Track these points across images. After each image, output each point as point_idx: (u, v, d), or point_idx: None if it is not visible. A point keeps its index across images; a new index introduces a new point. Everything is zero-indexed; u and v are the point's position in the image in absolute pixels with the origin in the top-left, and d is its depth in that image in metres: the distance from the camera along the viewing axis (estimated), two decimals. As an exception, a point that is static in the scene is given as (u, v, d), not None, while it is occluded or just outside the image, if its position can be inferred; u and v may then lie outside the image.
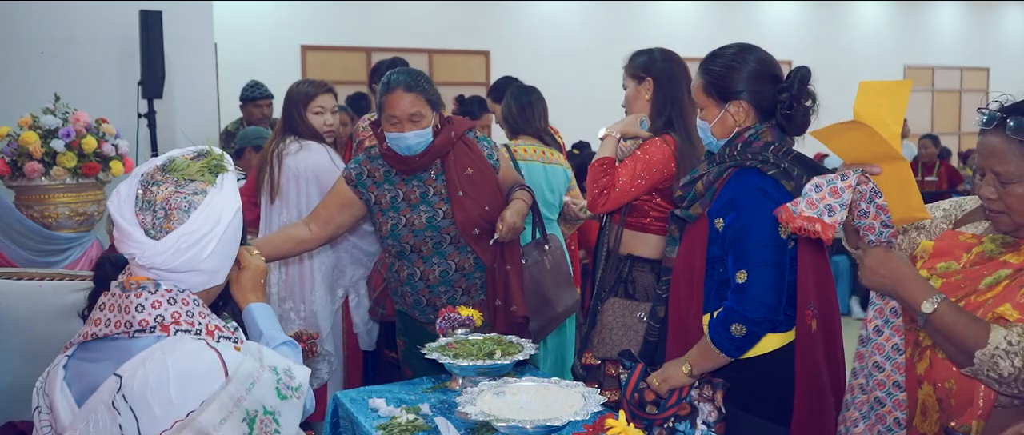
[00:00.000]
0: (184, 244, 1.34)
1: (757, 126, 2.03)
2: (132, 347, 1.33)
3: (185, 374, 1.29)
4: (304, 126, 3.22)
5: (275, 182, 3.17)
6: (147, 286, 1.36)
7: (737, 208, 1.95)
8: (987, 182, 1.56)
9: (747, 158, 1.98)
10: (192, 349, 1.32)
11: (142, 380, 1.28)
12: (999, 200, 1.55)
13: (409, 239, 2.63)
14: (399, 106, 2.52)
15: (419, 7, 9.15)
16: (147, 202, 1.35)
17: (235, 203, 1.41)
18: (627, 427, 1.67)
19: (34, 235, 3.35)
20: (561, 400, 1.96)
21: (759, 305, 1.91)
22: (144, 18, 4.61)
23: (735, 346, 1.95)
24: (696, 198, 2.07)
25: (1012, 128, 1.49)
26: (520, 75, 4.78)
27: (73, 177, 3.44)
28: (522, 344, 2.31)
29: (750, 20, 11.41)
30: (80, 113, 3.51)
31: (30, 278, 2.86)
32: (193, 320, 1.36)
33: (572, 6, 10.10)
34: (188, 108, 5.18)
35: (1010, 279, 1.55)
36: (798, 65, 2.06)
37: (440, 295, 2.66)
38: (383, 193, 2.66)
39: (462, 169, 2.64)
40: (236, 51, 7.88)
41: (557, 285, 2.85)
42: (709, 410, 1.98)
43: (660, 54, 2.74)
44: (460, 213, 2.59)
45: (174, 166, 1.39)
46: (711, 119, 2.08)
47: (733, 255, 1.95)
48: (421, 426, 2.04)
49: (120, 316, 1.34)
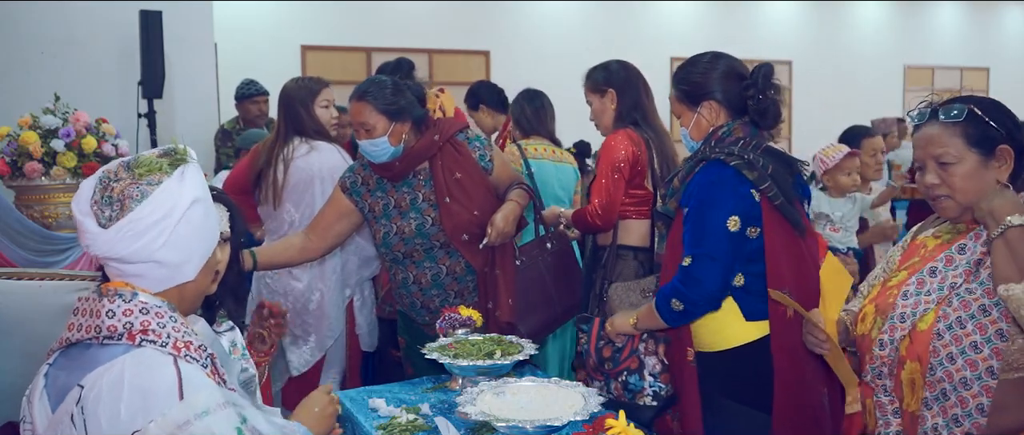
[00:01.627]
0: (131, 231, 1.29)
1: (729, 123, 2.18)
2: (101, 355, 1.29)
3: (138, 390, 1.23)
4: (312, 122, 3.17)
5: (279, 187, 3.09)
6: (123, 293, 1.32)
7: (697, 198, 2.10)
8: (928, 171, 1.69)
9: (714, 152, 2.13)
10: (152, 364, 1.27)
11: (98, 392, 1.24)
12: (942, 185, 1.67)
13: (400, 247, 2.63)
14: (352, 113, 2.55)
15: (419, 7, 9.14)
16: (107, 197, 1.31)
17: (195, 194, 1.35)
18: (627, 427, 1.68)
19: (34, 235, 3.34)
20: (561, 400, 1.96)
21: (698, 289, 2.06)
22: (144, 18, 4.61)
23: (673, 317, 2.13)
24: (673, 194, 2.22)
25: (945, 113, 1.66)
26: (520, 75, 4.78)
27: (73, 177, 3.44)
28: (522, 344, 2.31)
29: (750, 20, 11.41)
30: (80, 113, 3.51)
31: (30, 278, 2.86)
32: (163, 331, 1.31)
33: (572, 6, 10.10)
34: (188, 108, 5.18)
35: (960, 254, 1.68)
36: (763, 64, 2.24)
37: (433, 298, 2.67)
38: (376, 201, 2.66)
39: (450, 174, 2.61)
40: (236, 51, 7.88)
41: (560, 283, 2.81)
42: (654, 363, 2.16)
43: (616, 65, 3.05)
44: (448, 220, 2.58)
45: (138, 162, 1.35)
46: (688, 124, 2.24)
47: (687, 239, 2.10)
48: (421, 426, 2.04)
49: (91, 320, 1.30)
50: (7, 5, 4.64)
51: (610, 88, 2.99)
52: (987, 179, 1.66)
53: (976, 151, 1.66)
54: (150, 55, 4.61)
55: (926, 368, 1.64)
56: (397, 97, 2.55)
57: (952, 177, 1.66)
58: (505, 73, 9.21)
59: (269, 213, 3.19)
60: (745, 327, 2.13)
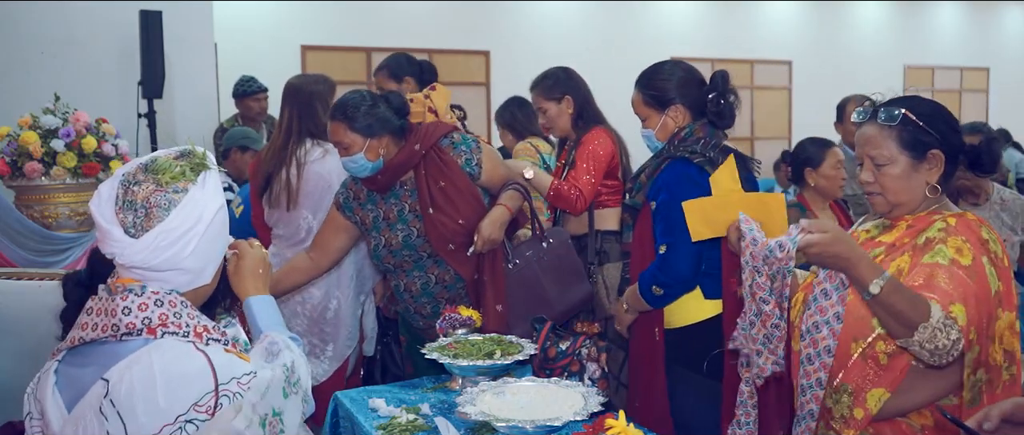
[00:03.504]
0: (163, 242, 1.32)
1: (691, 125, 2.45)
2: (119, 351, 1.31)
3: (172, 377, 1.27)
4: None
5: (293, 190, 2.99)
6: (133, 288, 1.33)
7: (666, 191, 2.36)
8: (865, 167, 1.80)
9: (679, 150, 2.40)
10: (180, 352, 1.30)
11: (129, 384, 1.26)
12: (875, 183, 1.78)
13: (389, 259, 2.64)
14: (330, 133, 2.56)
15: (419, 7, 9.14)
16: (128, 202, 1.32)
17: (217, 201, 1.39)
18: (627, 427, 1.68)
19: (34, 235, 3.35)
20: (561, 400, 1.97)
21: (675, 273, 2.36)
22: (144, 18, 4.61)
23: (655, 300, 2.42)
24: (640, 188, 2.48)
25: (883, 117, 1.76)
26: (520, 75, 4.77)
27: (73, 177, 3.44)
28: (522, 344, 2.31)
29: (750, 20, 11.41)
30: (80, 113, 3.51)
31: (30, 278, 2.86)
32: (181, 322, 1.34)
33: (572, 6, 10.10)
34: (188, 108, 5.18)
35: (884, 255, 1.77)
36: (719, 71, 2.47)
37: (424, 305, 2.68)
38: (367, 213, 2.67)
39: (434, 183, 2.58)
40: (236, 51, 7.87)
41: (558, 282, 2.76)
42: (594, 368, 2.25)
43: (562, 72, 3.32)
44: (432, 230, 2.56)
45: (156, 166, 1.36)
46: (654, 126, 2.49)
47: (659, 230, 2.39)
48: (421, 426, 2.04)
49: (107, 319, 1.32)
50: (7, 5, 4.64)
51: (566, 94, 3.24)
52: (917, 181, 1.76)
53: (908, 154, 1.75)
54: (150, 55, 4.61)
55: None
56: (371, 114, 2.52)
57: (884, 177, 1.77)
58: (505, 73, 9.22)
59: (281, 218, 3.08)
60: (703, 305, 2.43)
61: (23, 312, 2.75)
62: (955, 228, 1.71)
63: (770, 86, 11.58)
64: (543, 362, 2.30)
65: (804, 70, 11.81)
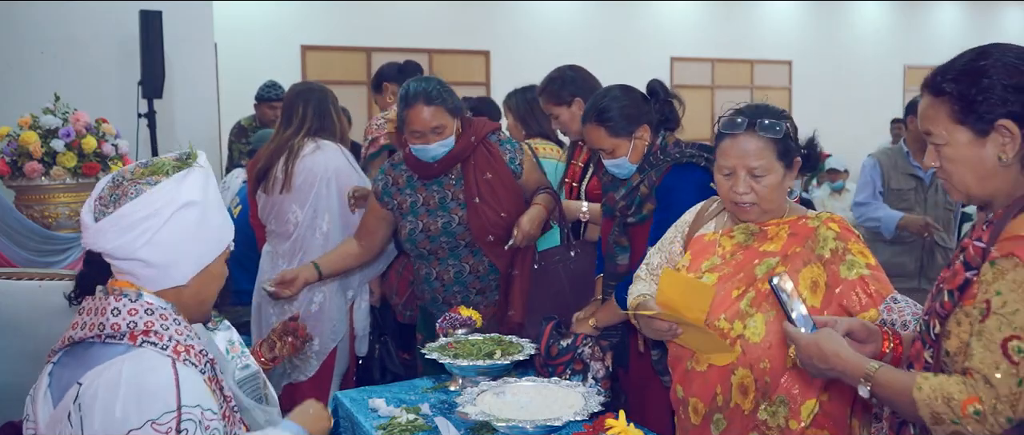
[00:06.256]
0: (116, 226, 1.29)
1: (661, 137, 2.39)
2: (101, 354, 1.28)
3: (135, 390, 1.23)
4: (339, 127, 3.21)
5: (289, 174, 3.09)
6: (128, 293, 1.32)
7: (673, 199, 2.26)
8: (739, 179, 1.82)
9: (677, 157, 2.33)
10: (151, 366, 1.26)
11: (94, 390, 1.24)
12: (751, 192, 1.82)
13: (426, 244, 2.67)
14: (420, 121, 2.54)
15: (419, 7, 9.14)
16: (113, 194, 1.32)
17: (190, 197, 1.34)
18: (627, 427, 1.69)
19: (34, 235, 3.34)
20: (561, 400, 1.97)
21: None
22: (144, 18, 4.61)
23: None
24: (643, 201, 2.34)
25: (763, 127, 1.79)
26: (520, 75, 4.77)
27: (73, 177, 3.43)
28: (522, 344, 2.31)
29: (750, 20, 11.41)
30: (80, 113, 3.51)
31: (30, 278, 2.86)
32: (165, 333, 1.30)
33: (572, 6, 10.10)
34: (188, 108, 5.17)
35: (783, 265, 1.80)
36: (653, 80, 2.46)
37: (454, 294, 2.70)
38: (405, 198, 2.70)
39: (481, 174, 2.66)
40: (236, 51, 7.87)
41: (579, 290, 2.77)
42: (598, 367, 2.26)
43: (569, 71, 3.07)
44: (475, 220, 2.62)
45: (150, 163, 1.36)
46: (625, 152, 2.37)
47: (657, 235, 2.22)
48: (421, 426, 2.04)
49: (95, 318, 1.30)
50: (7, 5, 4.63)
51: (576, 96, 3.00)
52: (785, 188, 1.87)
53: (782, 163, 1.82)
54: (150, 55, 4.61)
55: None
56: (452, 94, 2.64)
57: (763, 188, 1.82)
58: (505, 73, 9.21)
59: (272, 211, 3.16)
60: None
61: (23, 312, 2.74)
62: (842, 234, 1.81)
63: (770, 86, 11.58)
64: (546, 360, 2.30)
65: (804, 70, 11.82)
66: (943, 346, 1.38)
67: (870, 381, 1.38)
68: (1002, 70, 1.32)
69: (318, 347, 3.18)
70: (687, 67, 10.83)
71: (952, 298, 1.36)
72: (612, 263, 2.43)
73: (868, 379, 1.38)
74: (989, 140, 1.34)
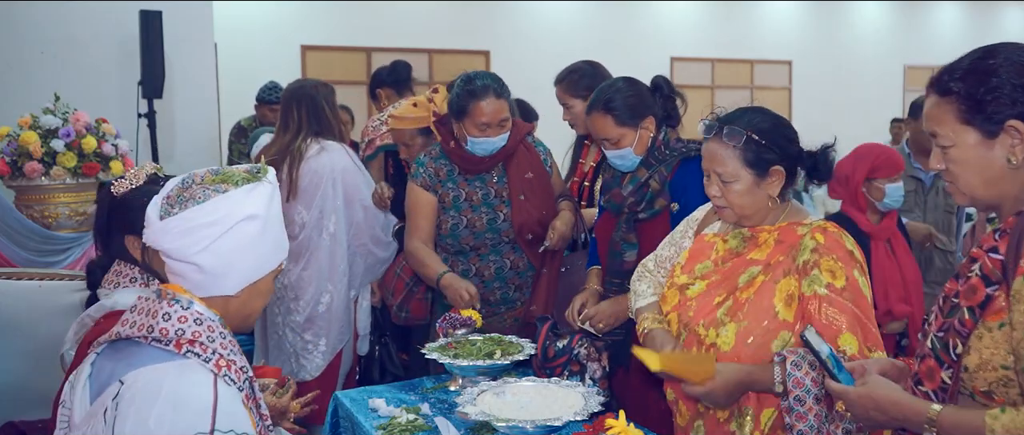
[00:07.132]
0: (179, 228, 1.30)
1: (664, 130, 2.39)
2: (146, 355, 1.28)
3: (171, 404, 1.22)
4: (337, 124, 3.21)
5: (294, 179, 3.11)
6: (181, 300, 1.32)
7: (689, 193, 2.25)
8: (712, 182, 1.83)
9: (683, 151, 2.34)
10: (193, 380, 1.26)
11: (133, 393, 1.24)
12: (722, 197, 1.83)
13: (469, 240, 2.68)
14: (490, 112, 2.55)
15: (419, 7, 9.15)
16: (181, 196, 1.33)
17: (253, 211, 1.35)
18: (627, 427, 1.68)
19: (34, 235, 3.35)
20: (561, 400, 1.97)
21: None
22: (144, 18, 4.61)
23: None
24: (654, 197, 2.34)
25: (726, 134, 1.78)
26: (520, 75, 4.78)
27: (73, 177, 3.44)
28: (522, 344, 2.32)
29: (750, 20, 11.41)
30: (80, 113, 3.51)
31: (30, 278, 2.86)
32: (210, 346, 1.30)
33: (572, 6, 10.10)
34: (188, 108, 5.17)
35: (763, 275, 1.79)
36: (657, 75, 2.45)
37: (494, 291, 2.70)
38: (447, 192, 2.70)
39: (523, 172, 2.70)
40: (236, 51, 7.88)
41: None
42: (595, 368, 2.26)
43: (589, 67, 3.01)
44: (518, 217, 2.66)
45: (221, 171, 1.37)
46: (631, 142, 2.35)
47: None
48: (421, 426, 2.04)
49: (146, 319, 1.30)
50: (7, 5, 4.63)
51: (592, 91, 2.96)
52: (760, 195, 1.82)
53: (751, 171, 1.79)
54: (150, 55, 4.61)
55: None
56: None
57: (730, 193, 1.81)
58: (505, 73, 9.18)
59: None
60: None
61: (23, 312, 2.75)
62: (826, 246, 1.75)
63: (770, 86, 11.59)
64: (543, 362, 2.31)
65: (804, 70, 11.82)
66: (962, 363, 1.33)
67: (935, 426, 1.30)
68: (1012, 69, 1.28)
69: (325, 347, 3.18)
70: (687, 67, 10.83)
71: (973, 316, 1.31)
72: (618, 259, 2.39)
73: (933, 424, 1.30)
74: (998, 142, 1.29)
